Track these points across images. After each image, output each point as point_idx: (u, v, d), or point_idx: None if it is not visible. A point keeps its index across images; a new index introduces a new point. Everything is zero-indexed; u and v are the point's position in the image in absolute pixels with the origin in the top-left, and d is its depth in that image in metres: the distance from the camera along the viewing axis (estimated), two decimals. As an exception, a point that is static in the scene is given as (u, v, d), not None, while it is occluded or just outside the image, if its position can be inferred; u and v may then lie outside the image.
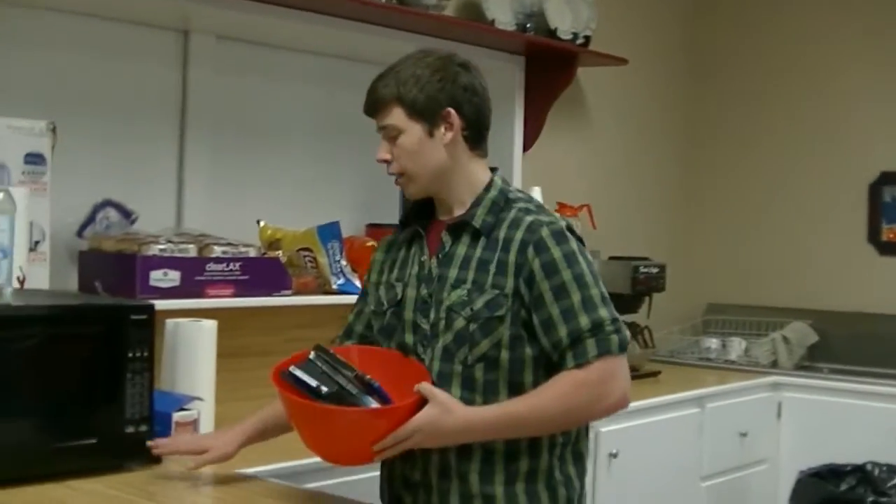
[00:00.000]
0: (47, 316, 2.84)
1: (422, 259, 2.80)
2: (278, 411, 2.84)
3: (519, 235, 2.68)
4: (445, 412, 2.55)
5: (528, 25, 4.87)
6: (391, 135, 2.72)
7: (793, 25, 6.31)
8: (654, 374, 5.21)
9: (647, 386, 5.01)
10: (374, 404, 2.57)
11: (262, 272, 3.78)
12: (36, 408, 2.77)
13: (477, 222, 2.72)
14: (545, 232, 2.66)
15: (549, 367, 2.68)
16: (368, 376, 2.62)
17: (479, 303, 2.67)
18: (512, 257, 2.66)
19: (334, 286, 4.04)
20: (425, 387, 2.58)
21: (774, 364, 5.72)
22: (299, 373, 2.62)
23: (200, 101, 4.12)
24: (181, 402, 3.24)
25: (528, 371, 2.68)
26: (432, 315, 2.73)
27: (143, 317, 2.97)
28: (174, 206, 4.11)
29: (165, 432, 3.15)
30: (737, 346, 5.85)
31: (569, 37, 5.04)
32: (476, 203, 2.75)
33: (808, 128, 6.24)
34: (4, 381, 2.71)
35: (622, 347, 2.65)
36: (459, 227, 2.75)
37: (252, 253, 3.78)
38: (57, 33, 3.76)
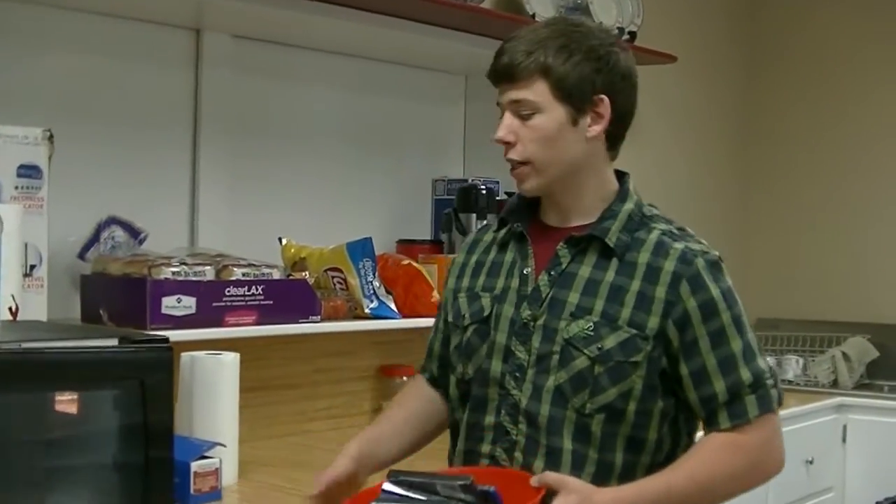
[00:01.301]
0: (44, 358, 2.27)
1: (524, 271, 2.38)
2: (392, 422, 2.52)
3: (670, 266, 2.28)
4: (585, 500, 2.12)
5: (571, 20, 4.47)
6: (522, 112, 2.30)
7: (854, 15, 5.95)
8: (712, 397, 4.80)
9: (707, 412, 4.58)
10: None
11: (288, 296, 3.38)
12: (30, 470, 2.28)
13: (611, 240, 2.32)
14: (701, 264, 2.29)
15: (674, 420, 2.32)
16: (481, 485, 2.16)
17: (609, 341, 2.26)
18: (661, 292, 2.26)
19: (367, 310, 3.65)
20: (551, 476, 2.15)
21: (834, 383, 5.32)
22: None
23: (215, 107, 3.76)
24: (200, 450, 2.85)
25: (652, 427, 2.29)
26: (537, 344, 2.31)
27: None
28: (187, 224, 3.75)
29: (184, 483, 2.78)
30: (794, 364, 5.46)
31: (614, 32, 4.65)
32: (608, 215, 2.35)
33: (870, 129, 5.88)
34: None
35: (780, 403, 2.30)
36: (584, 242, 2.34)
37: (276, 274, 3.38)
38: (53, 31, 3.39)
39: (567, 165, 2.32)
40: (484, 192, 4.24)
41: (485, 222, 4.01)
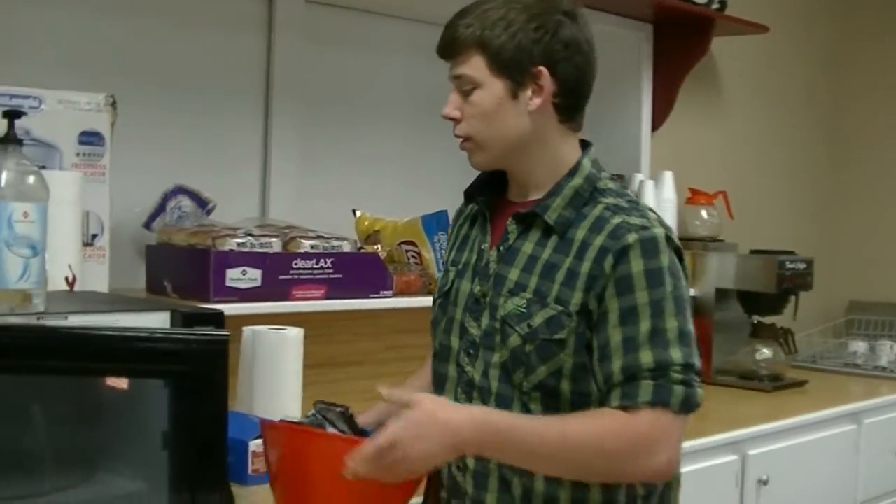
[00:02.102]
0: (88, 337, 2.08)
1: (482, 247, 2.34)
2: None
3: (599, 241, 2.16)
4: (428, 415, 2.02)
5: (659, -13, 4.33)
6: (464, 87, 2.26)
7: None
8: (800, 383, 4.63)
9: (796, 398, 4.44)
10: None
11: (358, 270, 3.27)
12: (75, 451, 2.15)
13: (550, 217, 2.23)
14: (632, 238, 2.14)
15: None
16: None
17: (537, 319, 2.18)
18: (586, 267, 2.16)
19: (441, 285, 3.51)
20: (395, 393, 2.08)
21: (930, 370, 5.13)
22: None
23: (288, 74, 3.66)
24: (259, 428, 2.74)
25: (594, 407, 2.17)
26: (484, 322, 2.26)
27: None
28: (258, 194, 3.66)
29: (240, 463, 2.70)
30: (888, 350, 5.24)
31: (704, 0, 4.49)
32: (554, 191, 2.25)
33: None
34: (27, 433, 2.09)
35: (686, 406, 2.10)
36: (529, 218, 2.26)
37: (346, 247, 3.28)
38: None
39: (512, 140, 2.25)
40: (566, 165, 4.12)
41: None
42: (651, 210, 2.26)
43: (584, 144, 2.34)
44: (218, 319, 2.30)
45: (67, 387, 2.13)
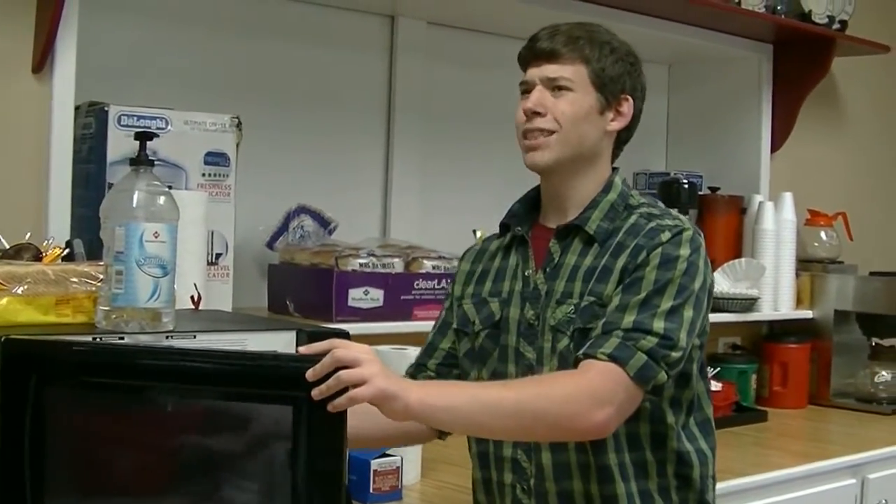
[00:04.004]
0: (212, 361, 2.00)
1: (526, 273, 2.40)
2: None
3: (634, 241, 2.29)
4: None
5: (779, 7, 4.30)
6: (557, 86, 2.35)
7: None
8: (921, 409, 4.56)
9: (917, 423, 4.36)
10: None
11: (479, 290, 3.28)
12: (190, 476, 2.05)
13: (591, 227, 2.35)
14: (666, 236, 2.27)
15: (675, 399, 2.31)
16: None
17: (578, 316, 2.26)
18: (620, 262, 2.27)
19: (560, 306, 3.51)
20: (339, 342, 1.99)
21: None
22: None
23: (409, 95, 3.72)
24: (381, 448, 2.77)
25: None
26: (539, 341, 2.32)
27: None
28: (379, 214, 3.71)
29: (363, 482, 2.73)
30: None
31: (824, 21, 4.45)
32: (591, 205, 2.36)
33: None
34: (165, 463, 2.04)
35: (641, 377, 2.13)
36: (569, 233, 2.36)
37: (467, 268, 3.28)
38: (243, 16, 3.38)
39: (585, 149, 2.35)
40: (686, 186, 4.13)
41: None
42: (681, 216, 2.39)
43: (614, 169, 2.46)
44: (344, 339, 2.32)
45: (198, 404, 2.14)
